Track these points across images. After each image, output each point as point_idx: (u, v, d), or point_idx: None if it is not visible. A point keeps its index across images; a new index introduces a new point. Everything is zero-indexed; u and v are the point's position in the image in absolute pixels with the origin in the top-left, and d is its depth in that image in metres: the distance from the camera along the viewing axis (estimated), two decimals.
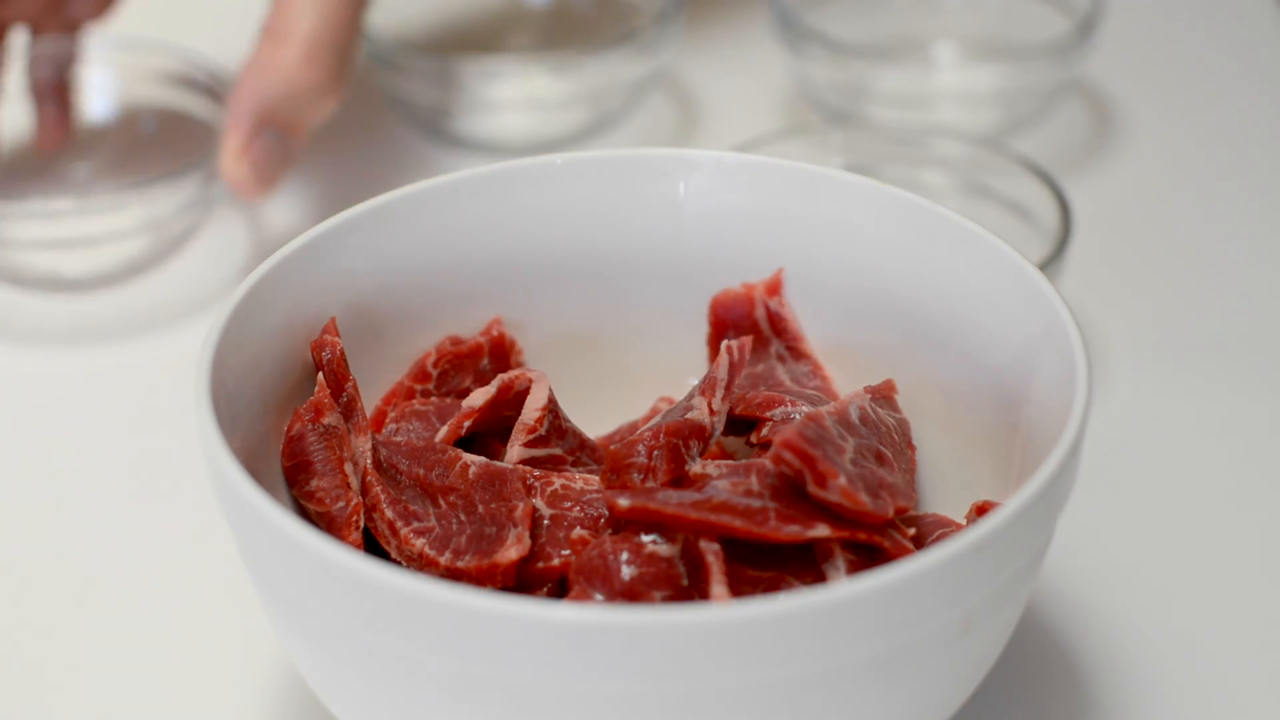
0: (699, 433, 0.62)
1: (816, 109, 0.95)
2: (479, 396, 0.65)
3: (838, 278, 0.67)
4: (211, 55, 0.91)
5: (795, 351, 0.68)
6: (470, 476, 0.62)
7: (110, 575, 0.71)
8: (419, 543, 0.60)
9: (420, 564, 0.60)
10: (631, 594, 0.57)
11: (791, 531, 0.57)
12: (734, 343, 0.64)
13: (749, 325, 0.68)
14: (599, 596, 0.57)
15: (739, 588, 0.57)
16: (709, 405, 0.62)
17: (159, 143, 0.90)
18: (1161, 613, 0.68)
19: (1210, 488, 0.73)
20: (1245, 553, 0.71)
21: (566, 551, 0.60)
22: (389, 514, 0.61)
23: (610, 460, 0.61)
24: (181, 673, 0.66)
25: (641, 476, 0.60)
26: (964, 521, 0.61)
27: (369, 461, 0.62)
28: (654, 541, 0.58)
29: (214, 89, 0.88)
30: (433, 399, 0.67)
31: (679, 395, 0.68)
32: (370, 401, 0.66)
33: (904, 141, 0.84)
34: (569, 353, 0.69)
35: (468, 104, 0.93)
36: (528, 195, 0.67)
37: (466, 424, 0.65)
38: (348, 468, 0.61)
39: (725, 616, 0.50)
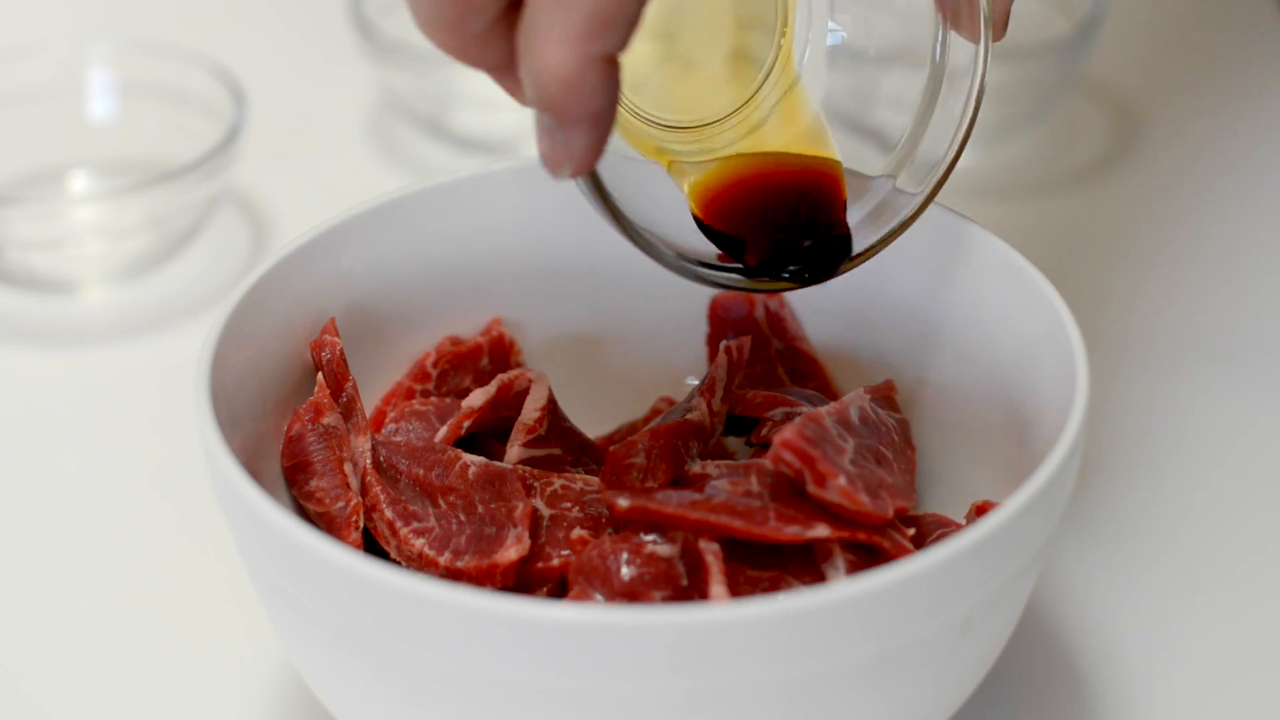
0: (699, 433, 0.62)
1: None
2: (479, 396, 0.65)
3: (838, 278, 0.67)
4: (212, 55, 0.91)
5: (795, 351, 0.68)
6: (470, 476, 0.62)
7: (110, 575, 0.71)
8: (418, 543, 0.60)
9: (420, 564, 0.60)
10: (631, 594, 0.57)
11: (791, 531, 0.57)
12: (734, 343, 0.64)
13: (749, 325, 0.68)
14: (599, 596, 0.57)
15: (739, 588, 0.57)
16: (709, 405, 0.62)
17: (159, 143, 0.90)
18: (1161, 613, 0.68)
19: (1211, 488, 0.73)
20: (1245, 553, 0.70)
21: (566, 551, 0.60)
22: (388, 514, 0.61)
23: (610, 460, 0.61)
24: (181, 672, 0.66)
25: (641, 477, 0.60)
26: (964, 521, 0.61)
27: (369, 461, 0.62)
28: (654, 541, 0.58)
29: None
30: (432, 399, 0.67)
31: (679, 395, 0.68)
32: (370, 401, 0.66)
33: None
34: (569, 353, 0.69)
35: (468, 104, 0.93)
36: (527, 195, 0.67)
37: (466, 424, 0.65)
38: (347, 468, 0.61)
39: (725, 616, 0.50)
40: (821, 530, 0.57)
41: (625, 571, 0.57)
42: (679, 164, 0.62)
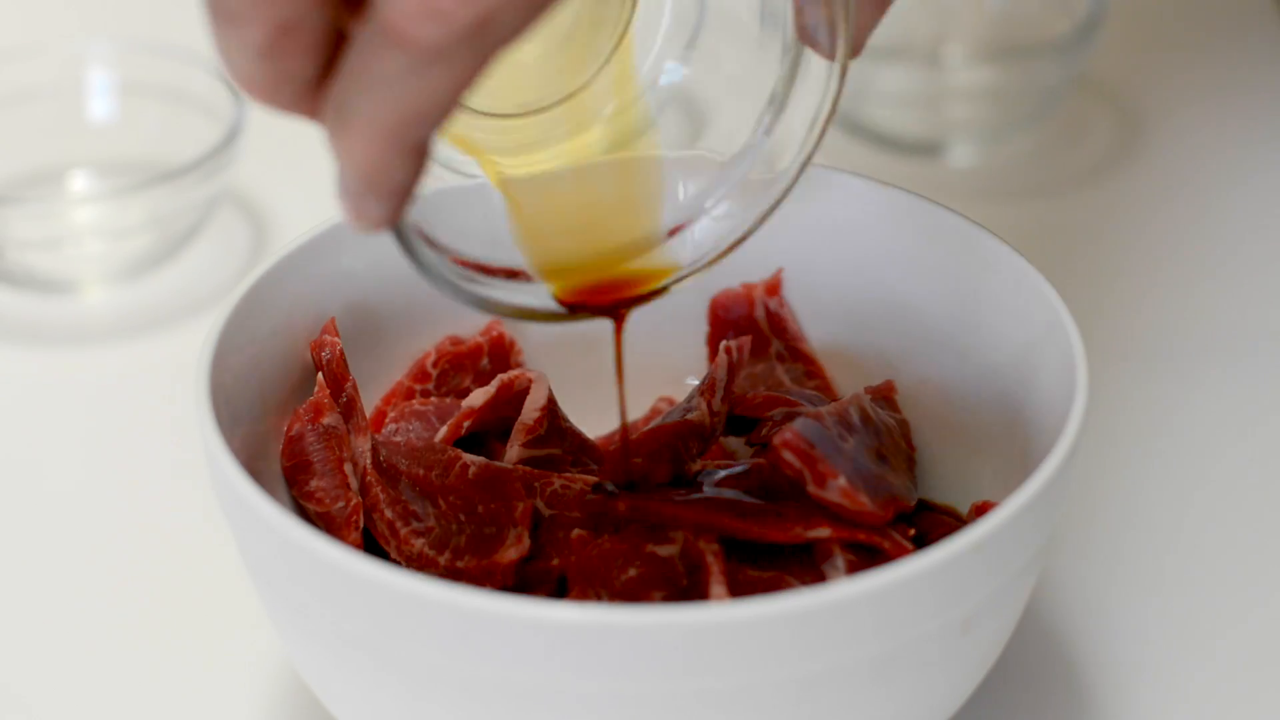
0: (699, 433, 0.62)
1: None
2: (479, 396, 0.65)
3: (838, 278, 0.67)
4: (212, 55, 0.91)
5: (795, 351, 0.68)
6: (470, 476, 0.62)
7: (110, 575, 0.70)
8: (419, 543, 0.60)
9: (420, 564, 0.60)
10: (631, 594, 0.57)
11: (791, 532, 0.57)
12: (733, 343, 0.64)
13: (749, 325, 0.68)
14: (599, 596, 0.57)
15: (739, 588, 0.57)
16: (709, 405, 0.62)
17: (159, 143, 0.90)
18: (1161, 613, 0.68)
19: (1211, 487, 0.73)
20: (1244, 552, 0.70)
21: (566, 551, 0.60)
22: (389, 514, 0.61)
23: (610, 460, 0.61)
24: (181, 673, 0.66)
25: (641, 477, 0.60)
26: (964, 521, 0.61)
27: (369, 461, 0.62)
28: (654, 541, 0.58)
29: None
30: (432, 399, 0.67)
31: (679, 395, 0.68)
32: (370, 401, 0.66)
33: None
34: (569, 353, 0.69)
35: None
36: None
37: (466, 424, 0.65)
38: (347, 468, 0.61)
39: (725, 616, 0.50)
40: (821, 530, 0.57)
41: (625, 571, 0.57)
42: (488, 158, 0.59)
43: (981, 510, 0.60)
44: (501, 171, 0.59)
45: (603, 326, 0.69)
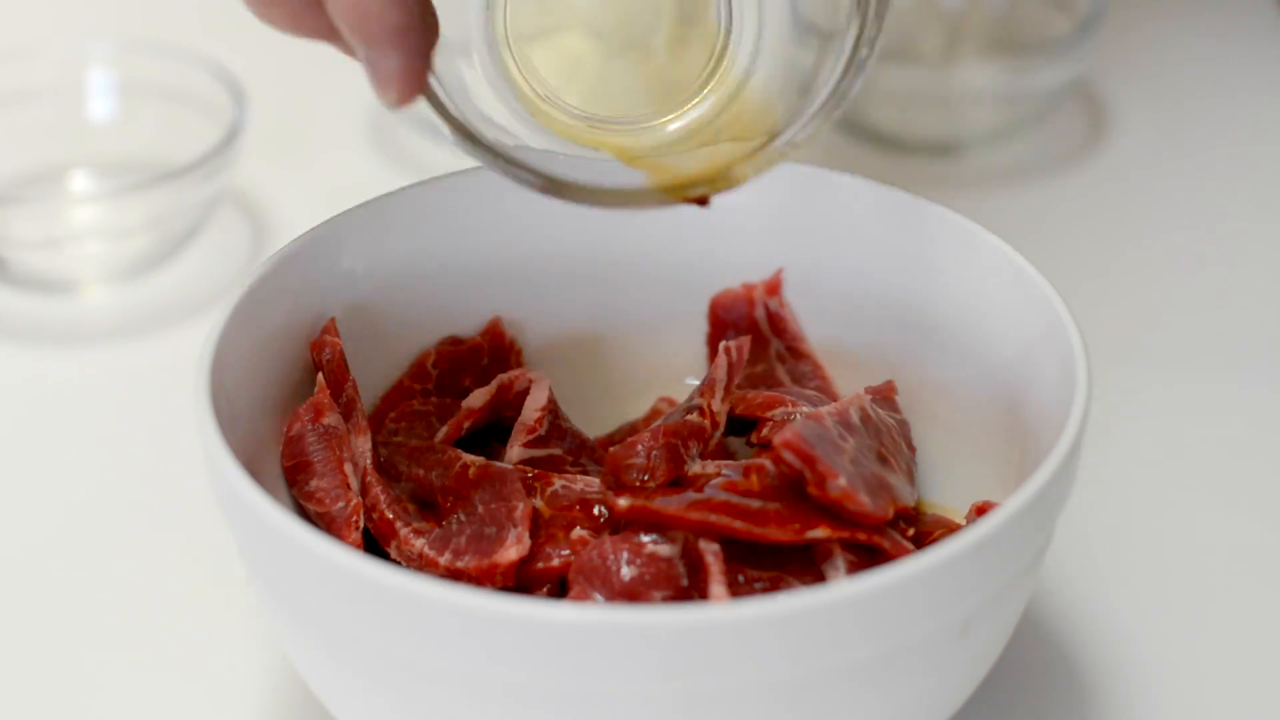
0: (699, 433, 0.62)
1: None
2: (479, 396, 0.65)
3: (838, 278, 0.67)
4: (212, 55, 0.91)
5: (795, 351, 0.68)
6: (470, 476, 0.62)
7: (110, 575, 0.71)
8: (419, 543, 0.60)
9: (420, 564, 0.60)
10: (631, 594, 0.57)
11: (791, 531, 0.57)
12: (733, 343, 0.64)
13: (749, 325, 0.68)
14: (599, 596, 0.57)
15: (739, 588, 0.57)
16: (709, 405, 0.62)
17: (159, 143, 0.90)
18: (1161, 613, 0.68)
19: (1209, 487, 0.73)
20: (1243, 552, 0.70)
21: (566, 551, 0.60)
22: (388, 514, 0.61)
23: (610, 461, 0.61)
24: (181, 673, 0.66)
25: (641, 477, 0.60)
26: (964, 521, 0.61)
27: (369, 461, 0.62)
28: (654, 541, 0.58)
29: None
30: (433, 399, 0.67)
31: (679, 395, 0.68)
32: (370, 401, 0.66)
33: None
34: (569, 353, 0.69)
35: None
36: (528, 195, 0.67)
37: (466, 424, 0.65)
38: (347, 468, 0.61)
39: (725, 616, 0.50)
40: (821, 530, 0.57)
41: (625, 571, 0.57)
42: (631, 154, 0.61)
43: (981, 511, 0.60)
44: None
45: (602, 327, 0.70)
